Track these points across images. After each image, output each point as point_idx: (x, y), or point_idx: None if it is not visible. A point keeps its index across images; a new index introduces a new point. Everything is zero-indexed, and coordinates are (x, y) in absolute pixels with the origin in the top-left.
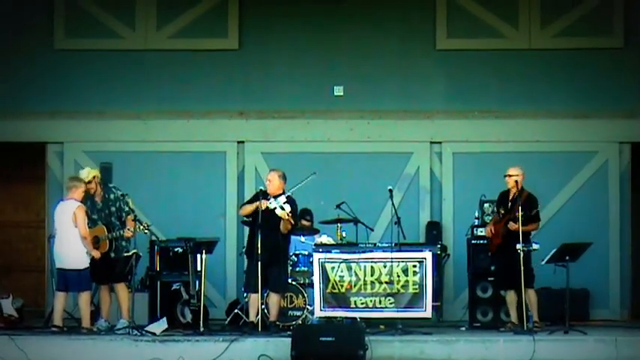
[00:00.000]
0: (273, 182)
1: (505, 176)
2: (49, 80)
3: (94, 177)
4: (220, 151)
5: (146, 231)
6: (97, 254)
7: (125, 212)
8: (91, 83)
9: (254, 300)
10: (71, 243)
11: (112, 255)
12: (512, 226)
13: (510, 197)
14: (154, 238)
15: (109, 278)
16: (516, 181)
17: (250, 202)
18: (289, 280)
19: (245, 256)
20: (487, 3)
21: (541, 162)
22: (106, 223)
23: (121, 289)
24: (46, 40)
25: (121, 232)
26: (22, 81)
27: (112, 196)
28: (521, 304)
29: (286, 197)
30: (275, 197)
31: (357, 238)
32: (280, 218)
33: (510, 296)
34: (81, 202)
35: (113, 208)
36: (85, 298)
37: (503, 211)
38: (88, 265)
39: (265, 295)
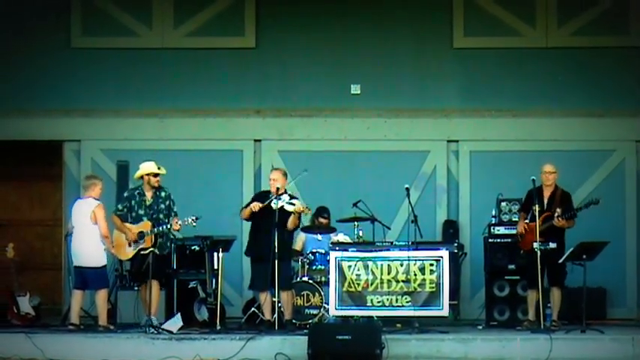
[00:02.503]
0: (279, 180)
1: (543, 174)
2: (66, 78)
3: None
4: (237, 149)
5: (194, 224)
6: (113, 252)
7: (174, 212)
8: (108, 81)
9: (269, 299)
10: (89, 241)
11: (156, 252)
12: (559, 222)
13: (547, 195)
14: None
15: (145, 275)
16: (555, 178)
17: (247, 206)
18: (305, 279)
19: (249, 256)
20: (504, 1)
21: (558, 161)
22: (153, 220)
23: (155, 285)
24: (62, 38)
25: (167, 227)
26: (39, 79)
27: (163, 193)
28: (540, 302)
29: (289, 195)
30: (277, 197)
31: (374, 237)
32: (286, 216)
33: (533, 294)
34: (129, 196)
35: (162, 206)
36: (102, 295)
37: (538, 209)
38: (105, 262)
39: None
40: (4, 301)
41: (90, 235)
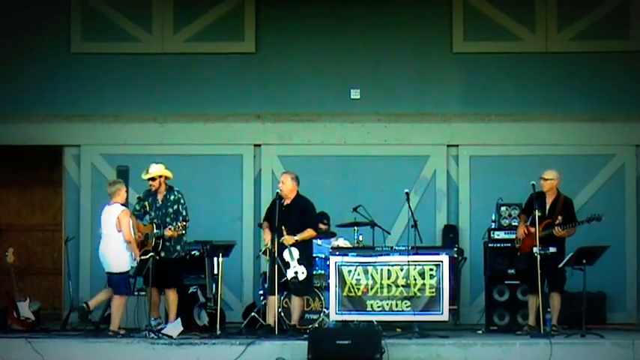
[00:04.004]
0: (286, 184)
1: (540, 179)
2: (66, 83)
3: (160, 176)
4: (237, 154)
5: (183, 231)
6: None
7: (182, 217)
8: (108, 86)
9: (272, 303)
10: (114, 247)
11: (163, 254)
12: (558, 232)
13: (549, 201)
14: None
15: (157, 280)
16: (552, 185)
17: (268, 216)
18: None
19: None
20: (504, 6)
21: (558, 165)
22: (159, 222)
23: (171, 293)
24: (62, 43)
25: (162, 231)
26: (39, 84)
27: (172, 197)
28: (539, 307)
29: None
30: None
31: (374, 242)
32: (298, 220)
33: (533, 298)
34: (142, 198)
35: (171, 210)
36: (117, 301)
37: (539, 214)
38: (128, 269)
39: (282, 298)
40: (4, 305)
41: (116, 241)
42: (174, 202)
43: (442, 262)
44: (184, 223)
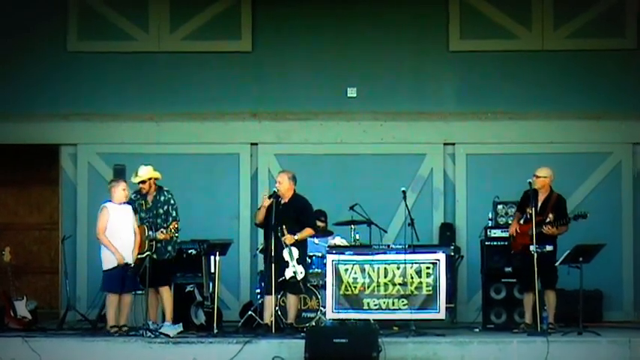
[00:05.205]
0: (283, 184)
1: (533, 176)
2: (63, 82)
3: (150, 178)
4: (233, 153)
5: (176, 234)
6: (120, 259)
7: (172, 217)
8: (105, 85)
9: (268, 301)
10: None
11: (155, 257)
12: (548, 230)
13: (542, 199)
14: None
15: (150, 281)
16: (544, 183)
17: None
18: None
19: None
20: (500, 4)
21: (554, 163)
22: (150, 224)
23: (165, 291)
24: (59, 42)
25: (155, 234)
26: (36, 83)
27: (162, 198)
28: (536, 305)
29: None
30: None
31: (371, 240)
32: (295, 219)
33: (529, 296)
34: (133, 199)
35: (161, 210)
36: (108, 299)
37: (530, 212)
38: (108, 267)
39: (280, 296)
40: (1, 305)
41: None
42: (165, 202)
43: (439, 260)
44: (176, 226)
